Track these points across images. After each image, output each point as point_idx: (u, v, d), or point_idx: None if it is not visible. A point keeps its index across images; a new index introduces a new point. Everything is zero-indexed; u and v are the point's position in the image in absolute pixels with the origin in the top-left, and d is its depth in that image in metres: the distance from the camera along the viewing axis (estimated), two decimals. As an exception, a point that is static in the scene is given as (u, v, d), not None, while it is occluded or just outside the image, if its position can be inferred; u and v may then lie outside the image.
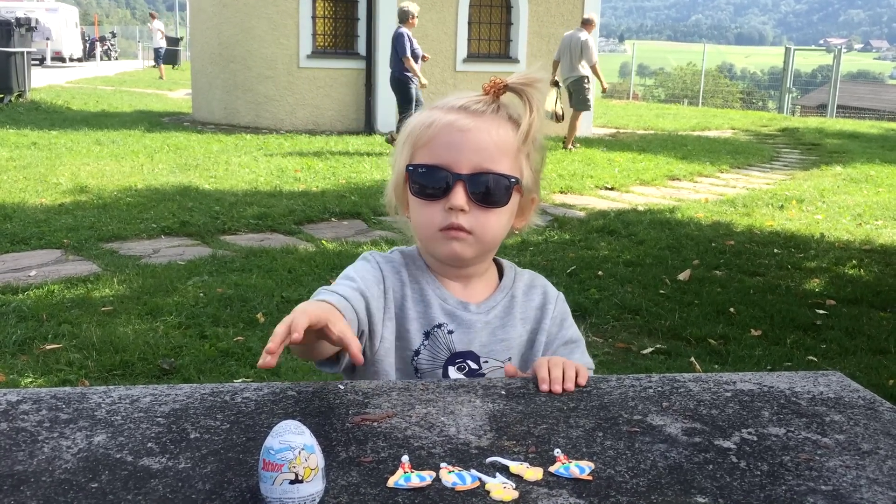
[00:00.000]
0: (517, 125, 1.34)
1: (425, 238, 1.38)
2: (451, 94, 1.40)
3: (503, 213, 1.36)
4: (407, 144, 1.37)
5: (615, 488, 0.92)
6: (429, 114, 1.36)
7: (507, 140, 1.33)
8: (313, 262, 5.56)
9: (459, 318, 1.39)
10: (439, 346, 1.39)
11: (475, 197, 1.31)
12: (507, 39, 14.50)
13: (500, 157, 1.33)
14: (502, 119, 1.35)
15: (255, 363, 3.79)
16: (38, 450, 0.98)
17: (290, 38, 13.49)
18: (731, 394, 1.23)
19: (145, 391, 1.17)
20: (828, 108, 22.66)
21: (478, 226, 1.33)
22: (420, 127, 1.35)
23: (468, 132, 1.31)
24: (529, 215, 1.45)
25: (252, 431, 1.04)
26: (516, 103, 1.36)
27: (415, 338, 1.39)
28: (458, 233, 1.32)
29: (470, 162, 1.31)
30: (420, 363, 1.39)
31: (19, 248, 5.69)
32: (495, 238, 1.38)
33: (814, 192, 9.47)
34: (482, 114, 1.33)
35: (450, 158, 1.31)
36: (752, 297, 5.19)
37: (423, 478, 0.92)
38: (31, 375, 3.56)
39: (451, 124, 1.32)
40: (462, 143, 1.31)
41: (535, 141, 1.36)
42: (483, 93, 1.37)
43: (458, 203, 1.30)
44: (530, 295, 1.47)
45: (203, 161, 9.82)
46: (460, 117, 1.33)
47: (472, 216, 1.32)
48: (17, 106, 15.01)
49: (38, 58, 29.34)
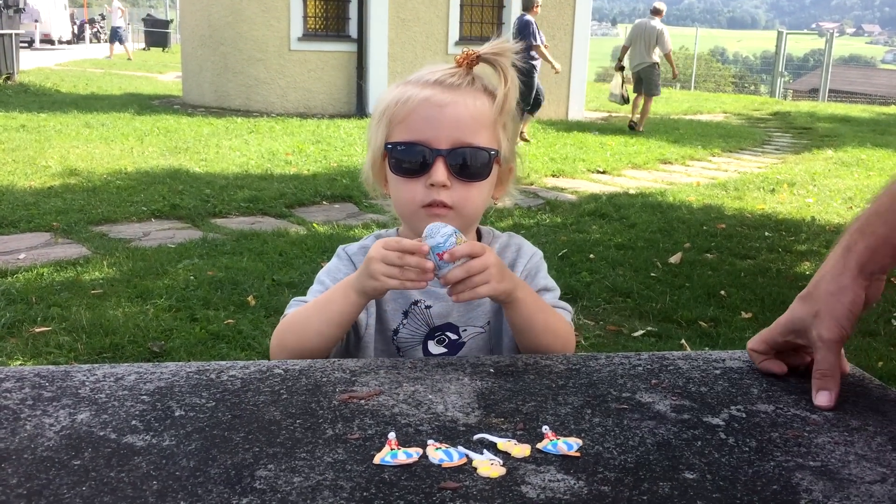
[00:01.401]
0: (493, 96, 1.34)
1: (407, 215, 1.38)
2: (424, 68, 1.38)
3: (484, 186, 1.35)
4: (383, 122, 1.36)
5: (603, 464, 0.91)
6: (403, 89, 1.34)
7: (485, 112, 1.33)
8: (304, 245, 5.54)
9: (436, 292, 1.39)
10: (418, 322, 1.40)
11: (456, 171, 1.31)
12: (500, 22, 14.43)
13: (478, 129, 1.32)
14: (478, 91, 1.34)
15: (245, 346, 3.79)
16: (20, 427, 0.96)
17: (281, 21, 13.39)
18: (720, 371, 1.22)
19: (130, 369, 1.16)
20: (819, 92, 22.70)
21: (460, 200, 1.32)
22: (395, 103, 1.33)
23: (445, 107, 1.30)
24: (507, 185, 1.45)
25: (238, 409, 1.03)
26: (489, 73, 1.35)
27: (393, 318, 1.41)
28: (440, 209, 1.32)
29: (449, 137, 1.30)
30: (400, 341, 1.40)
31: (8, 231, 5.66)
32: (477, 211, 1.38)
33: (805, 175, 9.49)
34: (458, 87, 1.32)
35: (428, 134, 1.30)
36: (742, 279, 5.20)
37: (409, 454, 0.91)
38: (21, 358, 3.54)
39: (427, 99, 1.31)
40: (440, 117, 1.30)
41: (510, 111, 1.36)
42: (456, 65, 1.35)
43: (439, 179, 1.29)
44: (504, 255, 1.46)
45: (193, 144, 9.76)
46: (436, 92, 1.31)
47: (453, 191, 1.31)
48: (5, 88, 14.88)
49: (26, 40, 29.05)
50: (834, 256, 1.13)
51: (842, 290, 1.10)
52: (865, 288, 1.10)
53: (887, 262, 1.10)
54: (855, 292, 1.10)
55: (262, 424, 0.99)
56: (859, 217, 1.13)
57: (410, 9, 13.72)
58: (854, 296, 1.10)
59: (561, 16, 14.50)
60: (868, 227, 1.11)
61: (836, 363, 1.11)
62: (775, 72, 23.16)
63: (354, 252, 1.46)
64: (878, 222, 1.10)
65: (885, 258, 1.10)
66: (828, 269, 1.13)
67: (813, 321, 1.12)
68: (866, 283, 1.10)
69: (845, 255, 1.11)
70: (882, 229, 1.09)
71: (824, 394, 1.10)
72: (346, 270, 1.41)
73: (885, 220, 1.09)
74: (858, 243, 1.11)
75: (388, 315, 1.41)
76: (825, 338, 1.10)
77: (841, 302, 1.10)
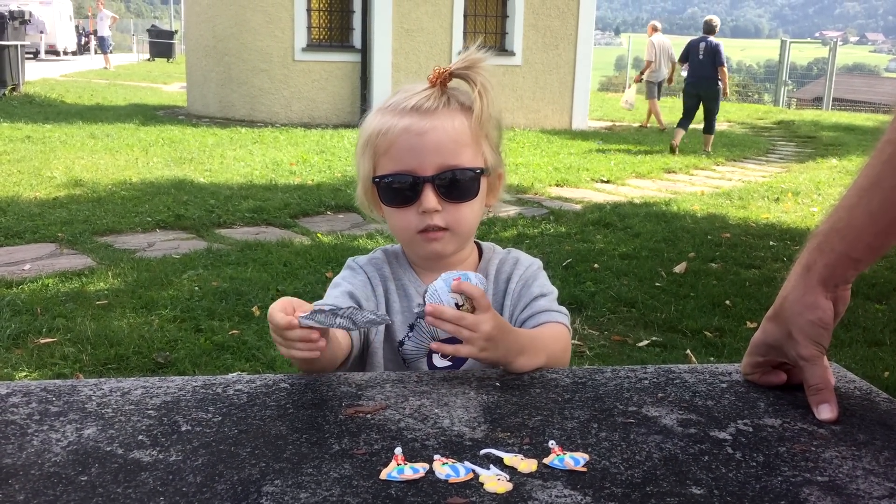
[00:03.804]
0: (470, 111, 1.36)
1: (405, 241, 1.44)
2: (398, 92, 1.40)
3: (475, 203, 1.39)
4: (367, 153, 1.39)
5: (610, 480, 0.91)
6: (381, 119, 1.37)
7: (464, 130, 1.35)
8: (309, 255, 5.55)
9: None
10: (423, 335, 1.42)
11: (445, 195, 1.34)
12: (503, 32, 14.47)
13: (460, 150, 1.35)
14: (455, 111, 1.36)
15: (249, 356, 3.79)
16: (27, 443, 0.97)
17: (286, 31, 13.45)
18: (726, 385, 1.22)
19: (136, 384, 1.16)
20: (823, 101, 22.69)
21: (453, 221, 1.36)
22: (377, 134, 1.36)
23: (425, 134, 1.33)
24: (498, 191, 1.47)
25: (244, 424, 1.03)
26: (465, 87, 1.37)
27: (399, 330, 1.44)
28: (435, 234, 1.36)
29: (433, 163, 1.33)
30: (406, 352, 1.43)
31: (13, 242, 5.67)
32: (471, 228, 1.42)
33: (809, 184, 9.48)
34: (435, 111, 1.34)
35: (413, 163, 1.34)
36: (748, 289, 5.19)
37: (416, 470, 0.91)
38: (26, 369, 3.54)
39: (407, 129, 1.33)
40: (421, 145, 1.33)
41: (490, 119, 1.37)
42: (429, 84, 1.37)
43: (430, 205, 1.33)
44: (501, 268, 1.49)
45: (198, 154, 9.79)
46: (415, 120, 1.34)
47: (445, 213, 1.35)
48: (10, 99, 14.95)
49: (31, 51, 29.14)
50: (795, 275, 1.13)
51: (809, 307, 1.10)
52: (833, 299, 1.10)
53: (850, 274, 1.10)
54: (822, 307, 1.09)
55: (268, 439, 0.99)
56: (817, 233, 1.12)
57: (414, 19, 13.76)
58: (822, 311, 1.09)
59: (564, 25, 14.54)
60: (826, 244, 1.09)
61: (825, 375, 1.11)
62: (779, 80, 23.15)
63: (364, 263, 1.49)
64: (835, 238, 1.09)
65: (846, 271, 1.09)
66: (791, 288, 1.13)
67: (787, 342, 1.12)
68: (832, 295, 1.10)
69: (806, 273, 1.11)
70: (840, 246, 1.08)
71: (825, 407, 1.09)
72: (360, 279, 1.45)
73: (842, 235, 1.08)
74: (818, 261, 1.10)
75: (395, 327, 1.44)
76: (805, 355, 1.10)
77: (810, 320, 1.10)
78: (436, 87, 1.37)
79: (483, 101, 1.34)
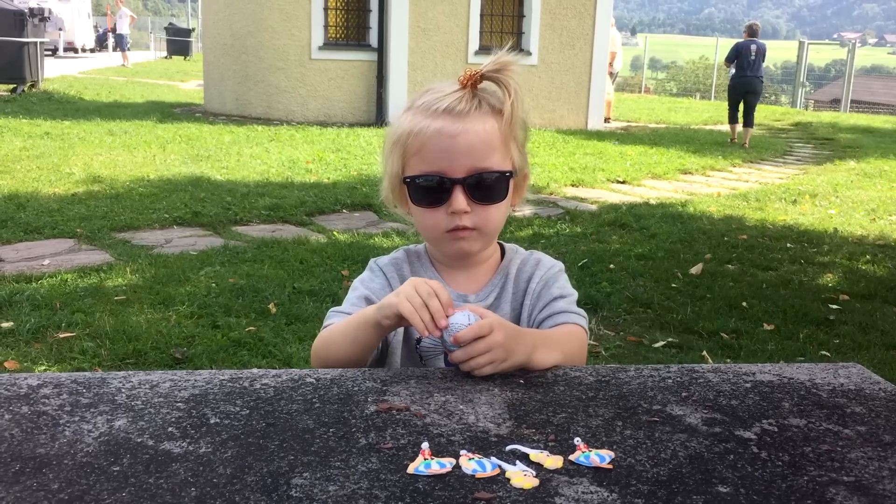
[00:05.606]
0: (499, 113, 1.37)
1: (433, 240, 1.46)
2: (429, 92, 1.41)
3: (503, 204, 1.41)
4: (396, 150, 1.41)
5: (636, 477, 0.91)
6: (413, 119, 1.38)
7: (494, 133, 1.37)
8: (325, 253, 5.57)
9: (457, 303, 1.41)
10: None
11: (474, 196, 1.36)
12: (520, 32, 14.45)
13: (490, 153, 1.36)
14: (486, 114, 1.37)
15: (266, 353, 3.81)
16: (59, 433, 0.98)
17: (303, 30, 13.48)
18: (750, 385, 1.22)
19: (164, 377, 1.17)
20: (841, 103, 22.52)
21: (481, 221, 1.38)
22: (408, 135, 1.38)
23: (457, 136, 1.34)
24: (523, 191, 1.50)
25: (272, 417, 1.04)
26: (494, 88, 1.39)
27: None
28: (463, 233, 1.38)
29: (464, 165, 1.35)
30: (422, 350, 1.45)
31: (33, 238, 5.72)
32: (498, 228, 1.44)
33: (827, 186, 9.42)
34: (467, 114, 1.35)
35: (444, 164, 1.35)
36: (764, 291, 5.17)
37: (443, 465, 0.92)
38: (45, 363, 3.58)
39: (439, 131, 1.35)
40: (453, 147, 1.34)
41: (518, 121, 1.39)
42: (460, 86, 1.38)
43: (459, 207, 1.35)
44: (523, 269, 1.51)
45: (215, 152, 9.83)
46: (447, 122, 1.35)
47: (474, 214, 1.37)
48: (30, 96, 15.07)
49: (50, 48, 29.41)
50: None
51: None
52: None
53: None
54: None
55: (296, 433, 1.00)
56: None
57: (431, 18, 13.76)
58: None
59: (581, 25, 14.50)
60: None
61: None
62: (796, 82, 23.02)
63: (385, 264, 1.51)
64: None
65: None
66: None
67: None
68: None
69: None
70: None
71: None
72: (379, 281, 1.48)
73: None
74: None
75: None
76: None
77: None
78: (467, 89, 1.38)
79: (514, 104, 1.36)
